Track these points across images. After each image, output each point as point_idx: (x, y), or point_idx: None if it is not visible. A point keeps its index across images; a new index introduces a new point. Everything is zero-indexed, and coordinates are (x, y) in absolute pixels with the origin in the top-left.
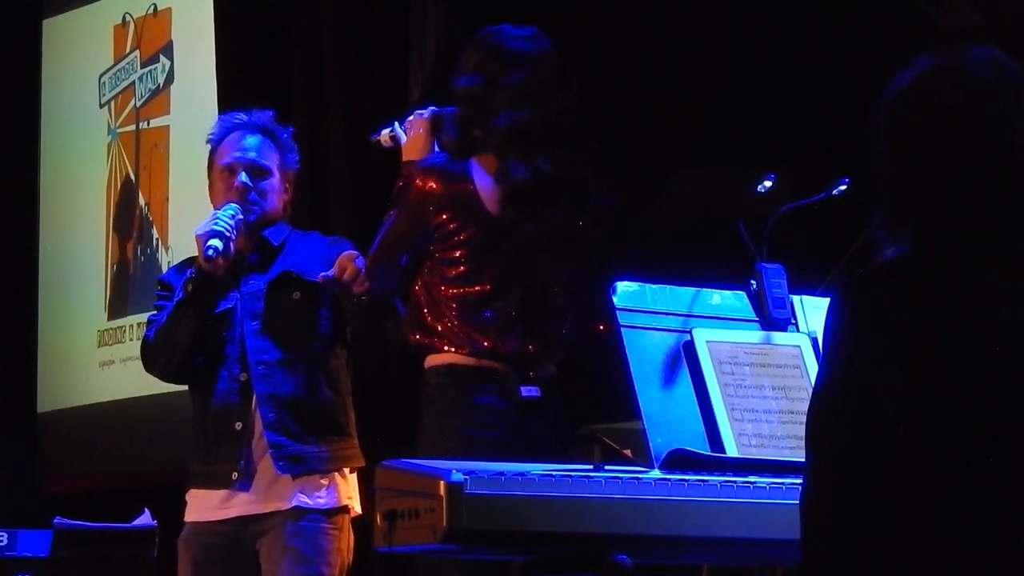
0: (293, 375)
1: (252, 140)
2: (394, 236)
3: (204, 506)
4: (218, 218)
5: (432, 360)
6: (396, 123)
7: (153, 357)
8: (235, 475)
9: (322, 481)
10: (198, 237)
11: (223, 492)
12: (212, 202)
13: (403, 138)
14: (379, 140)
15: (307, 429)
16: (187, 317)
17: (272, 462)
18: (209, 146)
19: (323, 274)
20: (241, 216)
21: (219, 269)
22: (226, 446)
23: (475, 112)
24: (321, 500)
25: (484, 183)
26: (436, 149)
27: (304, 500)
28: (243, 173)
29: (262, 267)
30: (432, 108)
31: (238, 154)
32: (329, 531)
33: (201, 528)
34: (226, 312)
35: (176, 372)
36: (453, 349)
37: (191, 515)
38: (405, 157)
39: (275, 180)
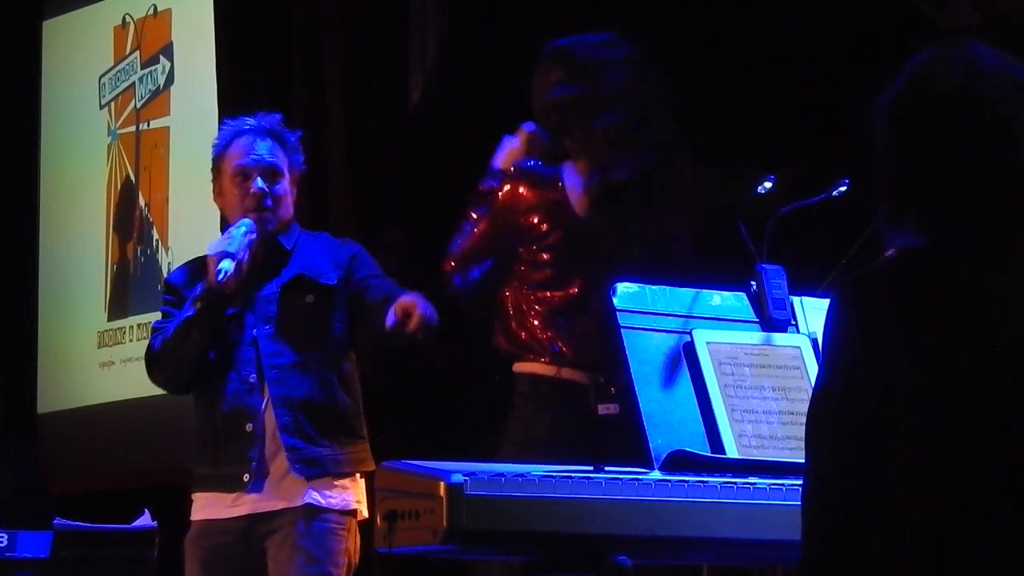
0: (307, 378)
1: (264, 144)
2: (479, 240)
3: (213, 505)
4: (232, 237)
5: (518, 367)
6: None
7: (159, 368)
8: (247, 477)
9: (335, 483)
10: (209, 258)
11: (234, 493)
12: (220, 206)
13: (508, 145)
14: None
15: (322, 432)
16: (195, 332)
17: (288, 465)
18: (214, 150)
19: (387, 323)
20: (254, 236)
21: (229, 289)
22: (235, 448)
23: (571, 120)
24: (333, 500)
25: (575, 186)
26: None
27: (316, 499)
28: (259, 178)
29: (274, 270)
30: (532, 124)
31: (253, 157)
32: (338, 531)
33: (209, 527)
34: (233, 315)
35: (181, 385)
36: (536, 358)
37: (198, 514)
38: (500, 165)
39: (287, 183)
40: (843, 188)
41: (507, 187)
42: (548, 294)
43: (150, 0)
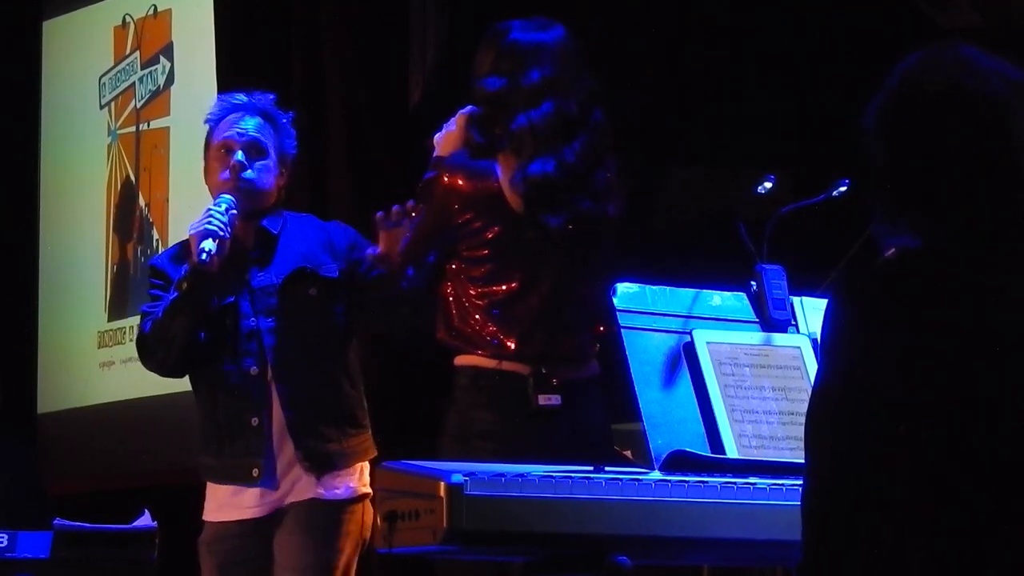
0: (313, 373)
1: (250, 121)
2: (422, 233)
3: (228, 504)
4: (212, 215)
5: (459, 360)
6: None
7: (150, 352)
8: (256, 472)
9: (339, 473)
10: (192, 236)
11: (249, 491)
12: (207, 183)
13: (442, 133)
14: (434, 142)
15: (329, 426)
16: (182, 315)
17: (299, 462)
18: (207, 127)
19: (371, 250)
20: (235, 211)
21: (214, 267)
22: (241, 441)
23: (495, 112)
24: (338, 491)
25: (506, 180)
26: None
27: (320, 493)
28: (239, 151)
29: (265, 259)
30: (472, 107)
31: (238, 131)
32: (340, 517)
33: (224, 530)
34: (231, 305)
35: (173, 367)
36: (478, 351)
37: (214, 515)
38: (438, 151)
39: (271, 162)
40: (843, 188)
41: (444, 180)
42: (489, 288)
43: (150, 0)
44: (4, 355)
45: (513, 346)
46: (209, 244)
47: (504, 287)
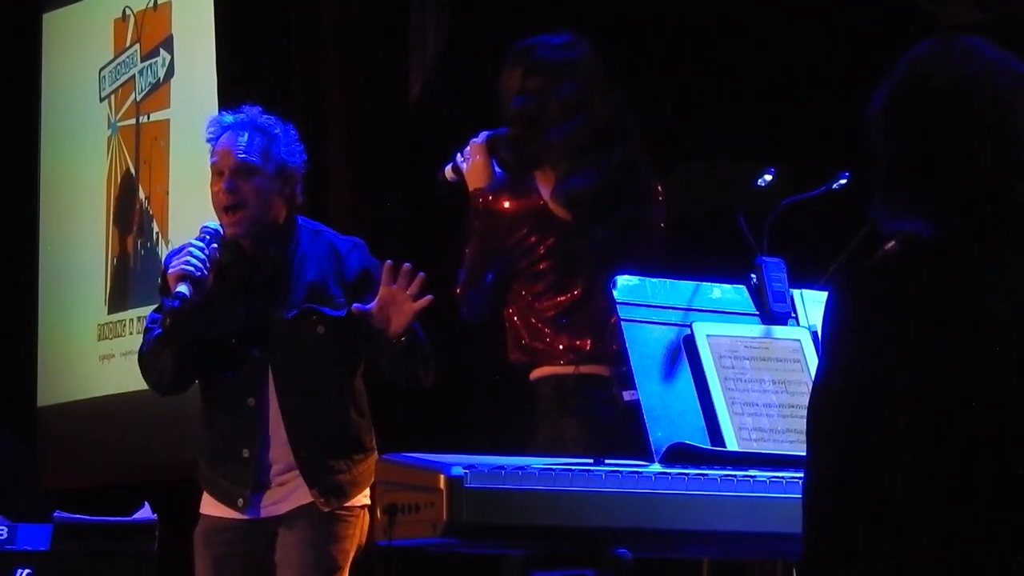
0: (322, 408)
1: (241, 140)
2: (476, 259)
3: (224, 505)
4: (190, 254)
5: (536, 373)
6: (457, 155)
7: (144, 374)
8: (241, 502)
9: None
10: (169, 275)
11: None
12: None
13: (464, 168)
14: (444, 176)
15: (338, 458)
16: (167, 348)
17: (313, 498)
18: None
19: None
20: (216, 244)
21: (195, 303)
22: (231, 469)
23: (529, 131)
24: (344, 500)
25: (548, 194)
26: (496, 169)
27: (331, 502)
28: (228, 178)
29: (273, 291)
30: (485, 132)
31: (225, 154)
32: (346, 518)
33: (221, 524)
34: (232, 334)
35: (168, 389)
36: (555, 362)
37: (210, 509)
38: (471, 187)
39: (263, 179)
40: (843, 181)
41: (489, 205)
42: (553, 300)
43: None
44: (4, 348)
45: (588, 347)
46: (183, 288)
47: (567, 296)
